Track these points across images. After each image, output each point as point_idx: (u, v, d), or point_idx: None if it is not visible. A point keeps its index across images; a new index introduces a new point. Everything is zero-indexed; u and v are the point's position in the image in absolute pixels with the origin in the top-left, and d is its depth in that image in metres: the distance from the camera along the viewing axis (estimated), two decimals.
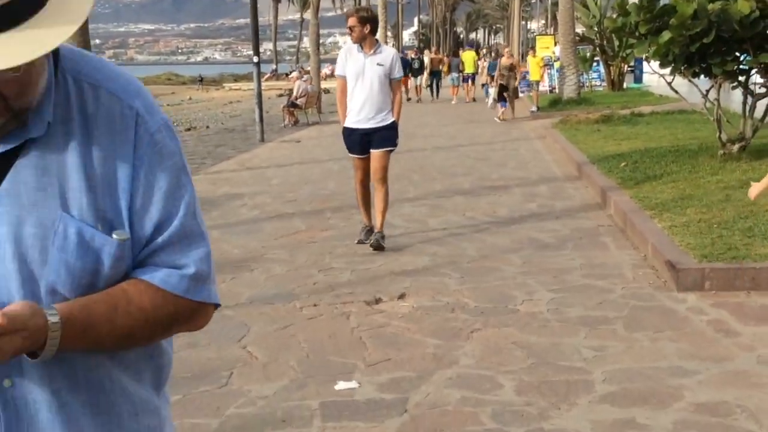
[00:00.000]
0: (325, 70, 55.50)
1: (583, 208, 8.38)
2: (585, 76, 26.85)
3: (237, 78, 79.78)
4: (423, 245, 6.91)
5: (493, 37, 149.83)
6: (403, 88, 6.58)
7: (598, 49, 26.63)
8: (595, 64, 28.32)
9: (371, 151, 6.68)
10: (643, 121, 15.24)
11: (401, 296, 5.44)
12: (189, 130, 24.93)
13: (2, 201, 1.17)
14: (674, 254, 5.67)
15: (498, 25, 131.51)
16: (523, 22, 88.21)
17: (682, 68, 9.01)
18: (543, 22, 74.57)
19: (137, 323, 1.23)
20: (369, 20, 6.64)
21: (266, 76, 56.35)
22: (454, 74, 27.21)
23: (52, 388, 1.21)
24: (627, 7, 9.28)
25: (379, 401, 3.82)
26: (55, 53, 1.22)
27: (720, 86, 9.57)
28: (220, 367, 4.25)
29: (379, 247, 6.56)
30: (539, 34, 43.18)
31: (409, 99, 25.56)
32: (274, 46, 79.08)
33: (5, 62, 1.05)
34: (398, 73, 6.77)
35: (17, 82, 1.12)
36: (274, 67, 71.08)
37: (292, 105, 20.68)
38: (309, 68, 29.78)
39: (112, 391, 1.27)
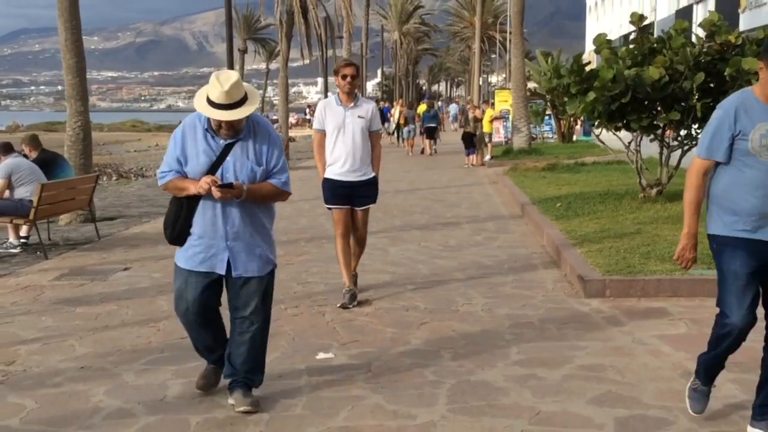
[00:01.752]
0: (291, 119, 56.76)
1: (521, 240, 9.79)
2: (537, 128, 28.70)
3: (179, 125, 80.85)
4: (384, 266, 8.23)
5: (455, 89, 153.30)
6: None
7: (549, 104, 28.50)
8: (547, 117, 30.19)
9: (354, 209, 6.71)
10: (584, 170, 16.85)
11: (366, 301, 6.75)
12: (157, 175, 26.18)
13: (232, 157, 4.28)
14: (585, 270, 7.09)
15: (460, 78, 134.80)
16: (485, 76, 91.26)
17: (606, 123, 10.56)
18: (504, 76, 77.29)
19: (268, 195, 4.38)
20: (359, 72, 6.69)
21: None
22: (411, 126, 28.35)
23: (239, 208, 4.30)
24: (560, 70, 10.84)
25: (349, 365, 5.12)
26: None
27: (641, 139, 11.15)
28: None
29: (347, 306, 6.52)
30: (498, 88, 45.19)
31: None
32: None
33: (240, 116, 4.19)
34: (378, 125, 6.74)
35: (240, 122, 4.24)
36: None
37: None
38: (275, 117, 31.13)
39: (257, 216, 4.40)
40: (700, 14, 27.08)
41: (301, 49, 38.61)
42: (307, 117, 72.80)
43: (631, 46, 10.47)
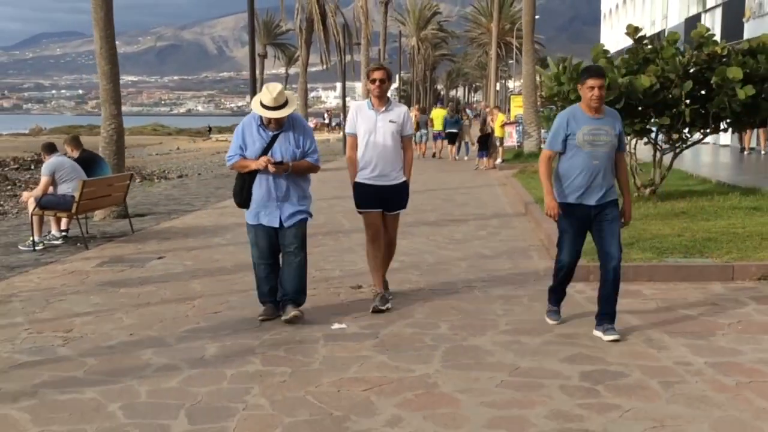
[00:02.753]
0: (310, 124, 57.60)
1: (521, 235, 10.59)
2: (547, 132, 29.33)
3: (221, 130, 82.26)
4: (394, 256, 9.05)
5: (473, 94, 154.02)
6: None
7: (559, 109, 29.14)
8: None
9: (385, 213, 6.71)
10: None
11: (358, 287, 7.56)
12: (181, 177, 27.05)
13: (278, 143, 6.16)
14: None
15: (477, 84, 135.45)
16: (502, 81, 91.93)
17: None
18: (521, 81, 78.05)
19: (306, 169, 6.31)
20: (391, 76, 6.73)
21: None
22: (423, 131, 28.82)
23: (285, 179, 6.19)
24: (561, 78, 11.63)
25: (360, 333, 5.95)
26: None
27: (636, 142, 11.92)
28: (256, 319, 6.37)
29: (379, 310, 6.53)
30: (515, 94, 45.88)
31: None
32: None
33: (283, 114, 6.08)
34: (409, 130, 6.73)
35: (283, 119, 6.15)
36: None
37: None
38: None
39: (298, 183, 6.28)
40: (707, 23, 27.74)
41: (321, 55, 39.57)
42: (325, 121, 73.82)
43: (626, 56, 11.23)
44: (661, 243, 8.40)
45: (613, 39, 41.13)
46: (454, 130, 26.91)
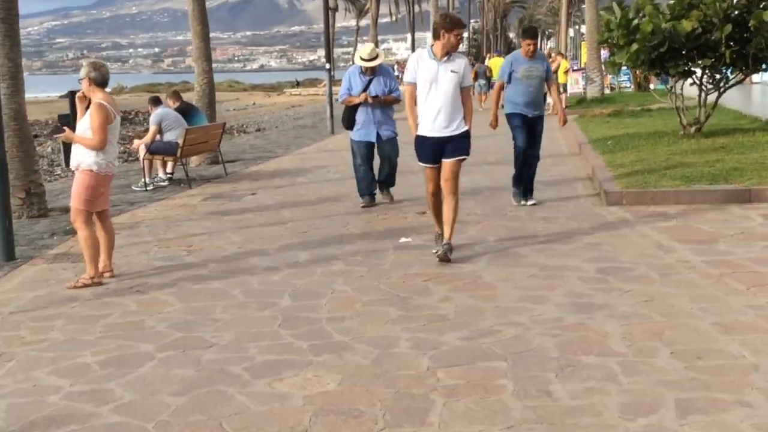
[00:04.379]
0: None
1: (571, 171, 11.74)
2: (615, 79, 29.95)
3: (295, 83, 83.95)
4: None
5: (546, 41, 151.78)
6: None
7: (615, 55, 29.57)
8: (624, 68, 31.21)
9: (443, 160, 6.64)
10: (646, 115, 18.43)
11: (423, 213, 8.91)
12: (259, 130, 28.64)
13: (372, 85, 9.19)
14: (610, 186, 9.06)
15: (550, 30, 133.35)
16: (576, 27, 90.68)
17: (647, 70, 12.29)
18: None
19: (392, 101, 9.37)
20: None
21: (323, 83, 60.18)
22: (482, 81, 27.17)
23: (380, 108, 9.25)
24: (611, 25, 12.59)
25: (423, 245, 7.30)
26: None
27: (683, 84, 12.82)
28: (337, 231, 7.80)
29: (445, 259, 6.55)
30: (585, 41, 45.90)
31: None
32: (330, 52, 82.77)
33: (375, 64, 9.19)
34: (469, 81, 6.80)
35: (375, 67, 9.20)
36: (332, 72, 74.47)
37: None
38: None
39: (387, 112, 9.37)
40: None
41: (389, 6, 40.52)
42: (396, 73, 74.67)
43: (672, 2, 12.11)
44: (692, 172, 9.47)
45: None
46: None
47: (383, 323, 5.18)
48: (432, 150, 6.64)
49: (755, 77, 24.02)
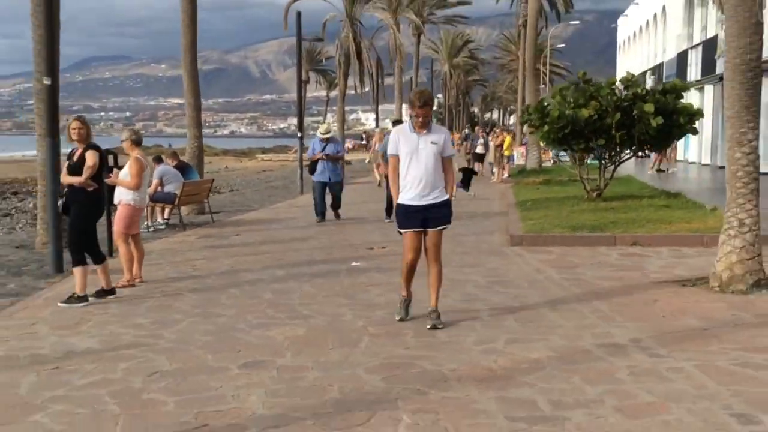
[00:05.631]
0: (348, 144, 62.02)
1: (496, 224, 14.57)
2: (554, 153, 33.30)
3: (264, 150, 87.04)
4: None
5: (508, 116, 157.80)
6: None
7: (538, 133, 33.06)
8: None
9: (428, 230, 6.91)
10: (572, 184, 21.43)
11: (383, 246, 11.61)
12: (232, 191, 31.37)
13: (327, 148, 15.02)
14: (516, 231, 11.88)
15: (512, 107, 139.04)
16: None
17: (557, 147, 15.30)
18: None
19: (339, 158, 15.62)
20: (433, 101, 7.26)
21: (294, 149, 63.36)
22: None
23: (330, 162, 14.76)
24: (529, 109, 15.64)
25: (374, 267, 9.98)
26: None
27: (586, 158, 15.85)
28: (304, 252, 10.48)
29: (436, 328, 6.79)
30: None
31: None
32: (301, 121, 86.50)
33: (329, 136, 14.97)
34: (451, 151, 7.01)
35: (330, 137, 12.68)
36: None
37: None
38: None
39: (335, 163, 15.22)
40: (692, 58, 31.51)
41: (354, 82, 44.05)
42: (363, 142, 78.34)
43: (576, 93, 15.20)
44: (578, 224, 12.34)
45: (628, 66, 44.97)
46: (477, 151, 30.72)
47: (336, 307, 7.82)
48: (414, 217, 6.88)
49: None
